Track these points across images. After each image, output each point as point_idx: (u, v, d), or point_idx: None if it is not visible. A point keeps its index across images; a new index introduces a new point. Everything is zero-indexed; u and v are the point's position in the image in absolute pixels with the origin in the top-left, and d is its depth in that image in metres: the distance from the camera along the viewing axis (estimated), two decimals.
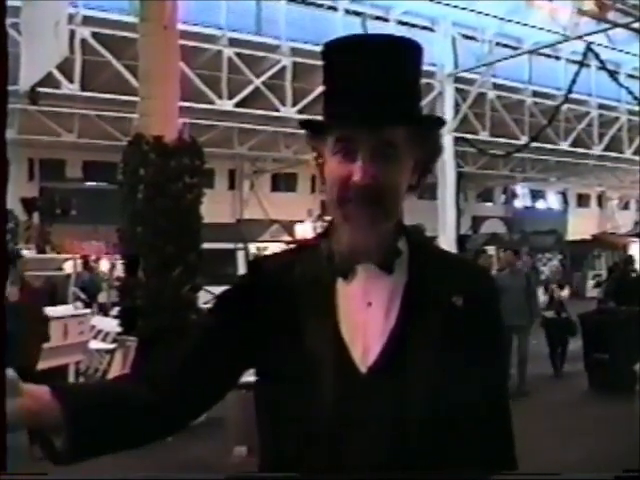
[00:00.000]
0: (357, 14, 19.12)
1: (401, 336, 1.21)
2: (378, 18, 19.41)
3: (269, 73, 18.34)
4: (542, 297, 12.56)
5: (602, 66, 17.66)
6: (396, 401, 1.18)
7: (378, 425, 1.18)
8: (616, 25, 17.35)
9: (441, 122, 1.30)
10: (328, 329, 1.23)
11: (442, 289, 1.25)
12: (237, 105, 18.12)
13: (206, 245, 8.64)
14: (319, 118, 1.27)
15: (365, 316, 1.23)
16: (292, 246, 1.44)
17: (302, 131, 1.30)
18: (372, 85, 1.17)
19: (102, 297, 14.59)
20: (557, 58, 23.63)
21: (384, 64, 1.18)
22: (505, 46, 21.48)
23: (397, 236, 1.28)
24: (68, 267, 12.84)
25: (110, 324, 9.63)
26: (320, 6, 19.27)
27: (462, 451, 1.21)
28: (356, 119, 1.18)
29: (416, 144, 1.23)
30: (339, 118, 1.21)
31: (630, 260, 12.88)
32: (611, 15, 17.59)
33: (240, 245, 20.32)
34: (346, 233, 1.24)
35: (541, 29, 19.37)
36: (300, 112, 17.89)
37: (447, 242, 17.91)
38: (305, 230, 21.17)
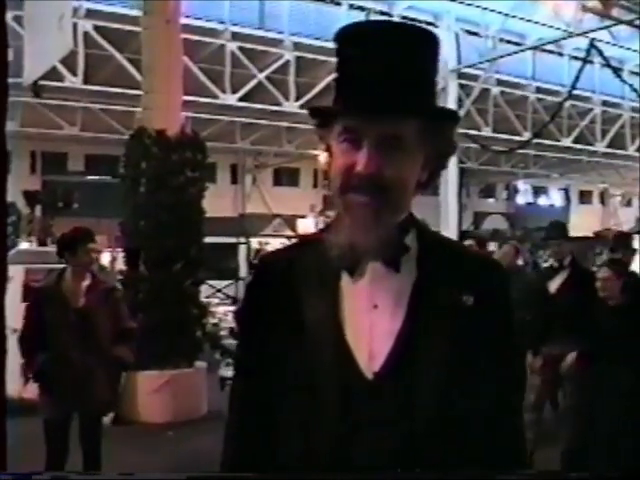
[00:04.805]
0: (361, 9, 19.06)
1: (409, 340, 1.16)
2: (382, 13, 19.34)
3: (272, 67, 18.28)
4: None
5: (606, 63, 17.59)
6: (404, 408, 1.14)
7: (385, 433, 1.14)
8: (620, 22, 17.28)
9: (454, 116, 1.25)
10: (332, 332, 1.18)
11: (452, 288, 1.19)
12: (240, 99, 18.08)
13: (208, 239, 8.65)
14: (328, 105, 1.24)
15: (371, 319, 1.18)
16: (295, 241, 1.39)
17: (304, 126, 1.28)
18: (382, 74, 1.13)
19: None
20: (560, 54, 23.55)
21: (396, 53, 1.14)
22: (509, 42, 21.42)
23: (405, 232, 1.22)
24: None
25: None
26: (324, 0, 19.23)
27: (474, 454, 1.17)
28: (363, 107, 1.14)
29: (427, 139, 1.18)
30: (346, 106, 1.17)
31: None
32: (615, 12, 17.53)
33: (242, 239, 20.35)
34: (346, 224, 1.17)
35: (545, 25, 19.30)
36: (303, 107, 17.84)
37: None
38: (307, 225, 21.19)
